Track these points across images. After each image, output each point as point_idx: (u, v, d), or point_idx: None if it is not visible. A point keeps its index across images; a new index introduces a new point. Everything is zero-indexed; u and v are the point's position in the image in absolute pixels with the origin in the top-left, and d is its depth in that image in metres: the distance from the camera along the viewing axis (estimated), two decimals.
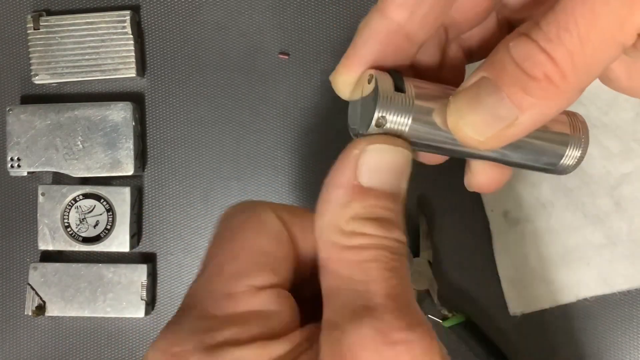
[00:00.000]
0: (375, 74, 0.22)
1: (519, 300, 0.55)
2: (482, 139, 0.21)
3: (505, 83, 0.20)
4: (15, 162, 0.57)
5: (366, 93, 0.23)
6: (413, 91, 0.22)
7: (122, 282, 0.56)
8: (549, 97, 0.20)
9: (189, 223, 0.59)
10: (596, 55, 0.19)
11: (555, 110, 0.20)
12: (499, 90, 0.20)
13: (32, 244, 0.58)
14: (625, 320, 0.56)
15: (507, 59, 0.20)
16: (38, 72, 0.57)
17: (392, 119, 0.22)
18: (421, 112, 0.22)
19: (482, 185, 0.27)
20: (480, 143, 0.21)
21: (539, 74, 0.19)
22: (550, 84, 0.19)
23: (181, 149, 0.59)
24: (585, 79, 0.20)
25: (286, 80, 0.58)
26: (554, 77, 0.19)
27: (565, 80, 0.19)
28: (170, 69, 0.59)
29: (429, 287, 0.56)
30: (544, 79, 0.19)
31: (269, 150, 0.58)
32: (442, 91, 0.23)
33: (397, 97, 0.22)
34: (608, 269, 0.55)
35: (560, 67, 0.19)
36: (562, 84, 0.19)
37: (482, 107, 0.20)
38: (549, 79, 0.19)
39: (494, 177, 0.26)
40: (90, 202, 0.57)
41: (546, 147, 0.25)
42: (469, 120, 0.21)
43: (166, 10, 0.59)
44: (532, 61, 0.19)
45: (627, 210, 0.55)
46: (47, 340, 0.58)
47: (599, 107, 0.55)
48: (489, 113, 0.20)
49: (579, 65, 0.19)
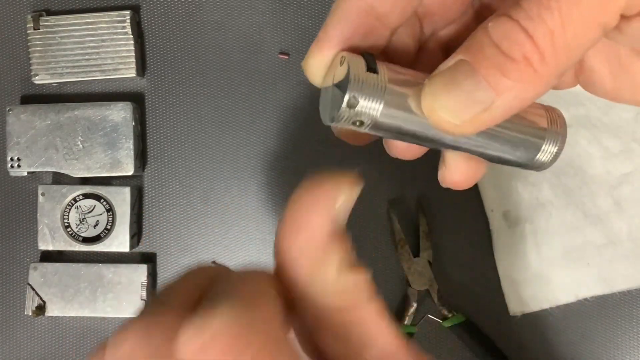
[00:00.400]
0: (347, 55, 0.22)
1: (519, 300, 0.55)
2: (458, 122, 0.20)
3: (483, 65, 0.19)
4: (15, 162, 0.57)
5: (338, 78, 0.22)
6: (386, 73, 0.22)
7: (122, 282, 0.56)
8: (526, 80, 0.19)
9: (189, 223, 0.59)
10: (577, 37, 0.19)
11: (532, 95, 0.20)
12: (475, 72, 0.19)
13: (32, 244, 0.58)
14: (625, 320, 0.56)
15: (485, 39, 0.19)
16: (38, 72, 0.57)
17: (364, 103, 0.21)
18: (394, 94, 0.21)
19: (456, 180, 0.26)
20: (455, 127, 0.20)
21: (517, 55, 0.19)
22: (529, 66, 0.19)
23: (181, 149, 0.59)
24: (564, 62, 0.19)
25: (286, 80, 0.58)
26: (532, 58, 0.19)
27: (543, 62, 0.19)
28: (170, 69, 0.59)
29: (429, 287, 0.56)
30: (522, 60, 0.19)
31: (269, 150, 0.58)
32: (417, 76, 0.22)
33: (370, 77, 0.21)
34: (608, 269, 0.55)
35: (539, 47, 0.19)
36: (540, 66, 0.19)
37: (458, 90, 0.20)
38: (528, 60, 0.19)
39: (468, 172, 0.26)
40: (90, 202, 0.57)
41: (522, 139, 0.24)
42: (444, 102, 0.20)
43: (166, 10, 0.59)
44: (511, 41, 0.19)
45: (627, 210, 0.55)
46: (47, 340, 0.58)
47: (599, 107, 0.55)
48: (465, 96, 0.20)
49: (559, 46, 0.19)
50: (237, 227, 0.58)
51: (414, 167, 0.58)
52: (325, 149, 0.58)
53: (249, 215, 0.58)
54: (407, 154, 0.26)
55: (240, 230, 0.58)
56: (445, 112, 0.20)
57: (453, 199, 0.57)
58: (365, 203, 0.58)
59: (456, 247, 0.57)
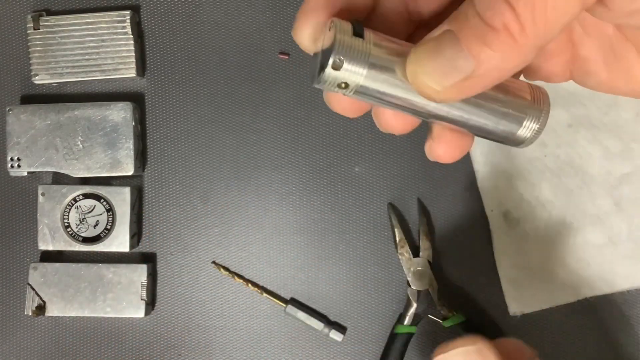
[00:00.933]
0: (335, 21, 0.22)
1: (519, 300, 0.55)
2: (439, 88, 0.21)
3: (465, 34, 0.20)
4: (15, 162, 0.57)
5: (326, 43, 0.23)
6: (372, 38, 0.22)
7: (122, 282, 0.56)
8: (505, 49, 0.20)
9: (189, 223, 0.59)
10: (556, 9, 0.20)
11: (512, 66, 0.21)
12: (458, 41, 0.20)
13: (32, 244, 0.58)
14: (625, 320, 0.56)
15: (470, 10, 0.20)
16: (38, 72, 0.57)
17: (348, 66, 0.22)
18: (379, 59, 0.22)
19: (442, 153, 0.27)
20: (436, 93, 0.21)
21: (498, 24, 0.20)
22: (509, 36, 0.20)
23: (181, 149, 0.59)
24: (544, 34, 0.20)
25: (286, 80, 0.58)
26: (513, 28, 0.20)
27: (523, 33, 0.20)
28: (170, 69, 0.59)
29: (429, 287, 0.56)
30: (503, 29, 0.20)
31: (269, 150, 0.58)
32: (404, 45, 0.23)
33: (355, 42, 0.22)
34: (608, 269, 0.55)
35: (520, 18, 0.20)
36: (520, 37, 0.20)
37: (440, 57, 0.21)
38: (508, 30, 0.20)
39: (454, 144, 0.26)
40: (90, 202, 0.57)
41: (504, 113, 0.25)
42: (427, 69, 0.21)
43: (166, 10, 0.59)
44: (493, 11, 0.20)
45: (627, 210, 0.55)
46: (47, 340, 0.58)
47: (599, 107, 0.55)
48: (447, 63, 0.21)
49: (539, 18, 0.20)
50: (237, 227, 0.58)
51: (414, 167, 0.58)
52: (326, 148, 0.58)
53: (249, 215, 0.58)
54: (396, 126, 0.27)
55: (240, 230, 0.58)
56: (427, 78, 0.21)
57: (453, 199, 0.57)
58: (365, 203, 0.58)
59: (456, 247, 0.57)
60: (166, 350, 0.58)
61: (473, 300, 0.57)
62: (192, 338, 0.58)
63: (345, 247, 0.58)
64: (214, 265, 0.58)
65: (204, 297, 0.58)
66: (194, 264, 0.58)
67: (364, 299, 0.58)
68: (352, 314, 0.58)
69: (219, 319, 0.58)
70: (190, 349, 0.58)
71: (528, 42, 0.20)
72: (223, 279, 0.58)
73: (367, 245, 0.58)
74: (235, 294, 0.58)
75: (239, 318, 0.58)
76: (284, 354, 0.58)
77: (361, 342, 0.58)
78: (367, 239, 0.58)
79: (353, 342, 0.58)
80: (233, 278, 0.58)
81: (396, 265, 0.57)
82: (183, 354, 0.58)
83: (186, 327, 0.58)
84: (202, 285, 0.58)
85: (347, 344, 0.58)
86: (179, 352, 0.58)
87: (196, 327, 0.58)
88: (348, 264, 0.58)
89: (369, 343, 0.58)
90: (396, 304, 0.57)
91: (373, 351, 0.57)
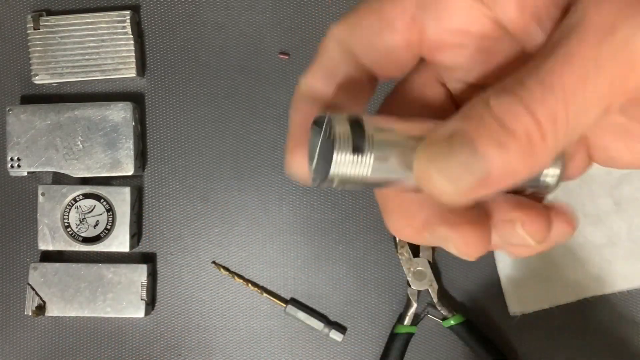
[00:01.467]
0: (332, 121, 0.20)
1: (519, 300, 0.56)
2: (451, 191, 0.20)
3: (481, 136, 0.19)
4: (15, 162, 0.57)
5: (323, 141, 0.21)
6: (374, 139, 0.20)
7: (122, 282, 0.56)
8: (524, 156, 0.19)
9: (189, 223, 0.59)
10: (578, 117, 0.19)
11: (527, 172, 0.19)
12: (473, 142, 0.19)
13: (32, 244, 0.58)
14: (625, 320, 0.56)
15: (485, 111, 0.19)
16: (38, 72, 0.57)
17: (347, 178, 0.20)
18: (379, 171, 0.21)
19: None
20: (447, 195, 0.20)
21: (519, 130, 0.19)
22: (528, 142, 0.19)
23: (181, 149, 0.59)
24: (563, 141, 0.19)
25: (286, 80, 0.58)
26: (534, 135, 0.19)
27: (544, 141, 0.19)
28: (170, 69, 0.59)
29: (429, 287, 0.56)
30: (524, 136, 0.19)
31: (269, 150, 0.58)
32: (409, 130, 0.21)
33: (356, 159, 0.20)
34: (608, 269, 0.55)
35: (542, 127, 0.19)
36: (539, 144, 0.19)
37: (454, 159, 0.19)
38: (529, 137, 0.19)
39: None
40: (90, 202, 0.57)
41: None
42: (439, 171, 0.20)
43: (166, 10, 0.59)
44: (512, 115, 0.19)
45: (627, 210, 0.55)
46: (47, 340, 0.58)
47: None
48: (460, 166, 0.19)
49: (560, 127, 0.19)
50: (237, 227, 0.58)
51: None
52: None
53: (249, 215, 0.58)
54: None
55: (240, 230, 0.58)
56: (438, 180, 0.20)
57: None
58: (366, 203, 0.58)
59: None
60: (166, 350, 0.58)
61: (473, 300, 0.57)
62: (192, 338, 0.58)
63: (345, 247, 0.58)
64: (214, 265, 0.58)
65: (204, 297, 0.58)
66: (194, 264, 0.58)
67: (364, 299, 0.58)
68: (352, 314, 0.58)
69: (219, 319, 0.58)
70: (190, 349, 0.58)
71: (547, 150, 0.19)
72: (223, 279, 0.58)
73: (367, 245, 0.58)
74: (235, 294, 0.58)
75: (239, 318, 0.58)
76: (284, 354, 0.58)
77: (361, 342, 0.58)
78: (367, 239, 0.58)
79: (353, 342, 0.58)
80: (233, 278, 0.58)
81: (396, 265, 0.57)
82: (183, 354, 0.58)
83: (186, 327, 0.58)
84: (202, 285, 0.58)
85: (347, 344, 0.58)
86: (179, 352, 0.58)
87: (196, 327, 0.58)
88: (348, 264, 0.58)
89: (369, 343, 0.58)
90: (396, 304, 0.57)
91: (373, 351, 0.57)
